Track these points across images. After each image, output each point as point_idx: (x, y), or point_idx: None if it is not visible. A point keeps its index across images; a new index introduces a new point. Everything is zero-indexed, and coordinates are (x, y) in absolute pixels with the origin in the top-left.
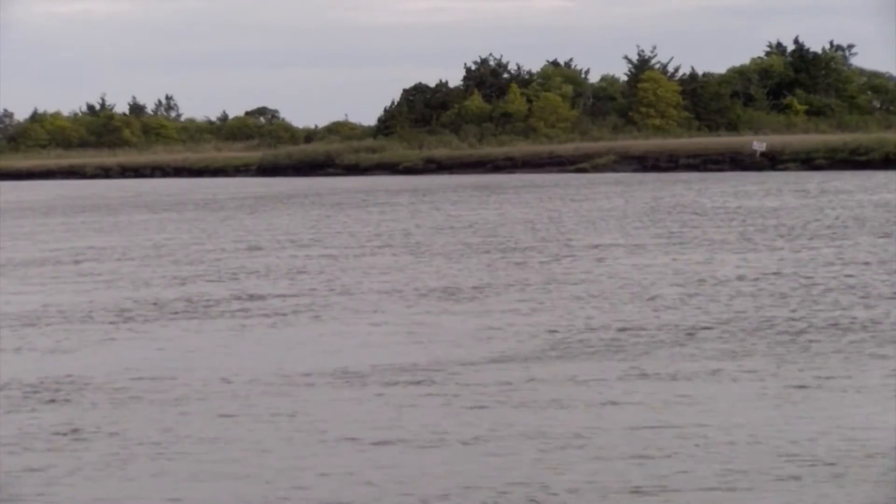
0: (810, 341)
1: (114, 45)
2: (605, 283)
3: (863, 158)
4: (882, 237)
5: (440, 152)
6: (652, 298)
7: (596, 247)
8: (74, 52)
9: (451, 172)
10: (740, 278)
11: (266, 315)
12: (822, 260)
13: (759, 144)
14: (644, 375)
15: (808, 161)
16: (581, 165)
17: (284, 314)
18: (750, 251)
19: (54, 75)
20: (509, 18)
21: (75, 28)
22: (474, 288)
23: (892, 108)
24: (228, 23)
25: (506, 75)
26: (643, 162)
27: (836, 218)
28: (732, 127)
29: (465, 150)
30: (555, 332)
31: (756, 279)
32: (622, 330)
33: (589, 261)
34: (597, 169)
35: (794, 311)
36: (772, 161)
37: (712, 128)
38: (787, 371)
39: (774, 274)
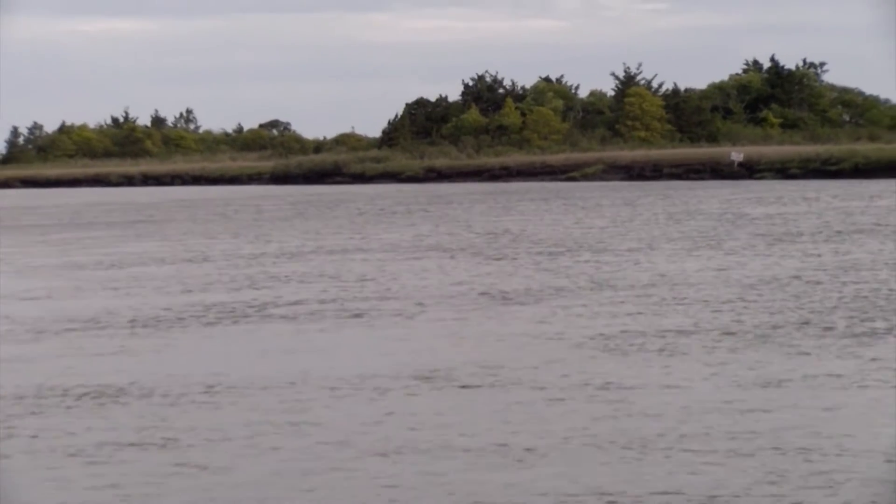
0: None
1: (136, 62)
2: (659, 285)
3: (834, 168)
4: None
5: (440, 162)
6: (707, 301)
7: (643, 250)
8: (99, 69)
9: (451, 181)
10: (796, 278)
11: (321, 318)
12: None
13: (737, 155)
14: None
15: (782, 171)
16: (571, 174)
17: (342, 317)
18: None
19: (81, 90)
20: (505, 38)
21: (100, 45)
22: (540, 290)
23: (861, 121)
24: (243, 41)
25: (501, 90)
26: (629, 171)
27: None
28: (712, 139)
29: (463, 160)
30: (615, 333)
31: (805, 280)
32: (680, 332)
33: (638, 264)
34: (586, 178)
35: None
36: (749, 170)
37: (694, 139)
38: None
39: (828, 274)
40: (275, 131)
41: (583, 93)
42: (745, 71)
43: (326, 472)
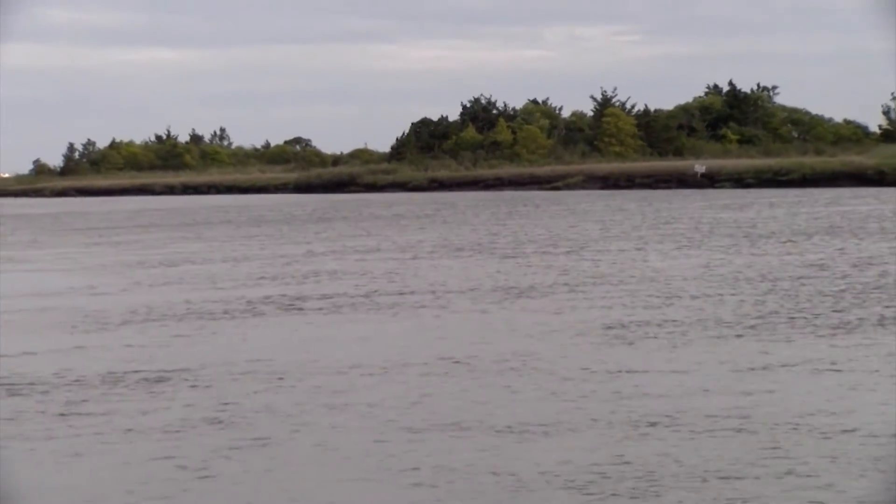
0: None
1: (177, 87)
2: (655, 280)
3: (784, 178)
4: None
5: (442, 174)
6: (706, 294)
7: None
8: (145, 92)
9: (451, 190)
10: (777, 273)
11: (355, 310)
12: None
13: (700, 167)
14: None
15: (740, 181)
16: (555, 184)
17: (374, 309)
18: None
19: (129, 111)
20: (498, 65)
21: (146, 72)
22: (549, 285)
23: (808, 137)
24: (271, 68)
25: (495, 111)
26: (606, 181)
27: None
28: (678, 153)
29: (462, 172)
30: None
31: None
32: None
33: (633, 262)
34: (568, 187)
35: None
36: (711, 180)
37: (662, 154)
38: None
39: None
40: (298, 147)
41: (566, 113)
42: (706, 94)
43: (374, 448)
